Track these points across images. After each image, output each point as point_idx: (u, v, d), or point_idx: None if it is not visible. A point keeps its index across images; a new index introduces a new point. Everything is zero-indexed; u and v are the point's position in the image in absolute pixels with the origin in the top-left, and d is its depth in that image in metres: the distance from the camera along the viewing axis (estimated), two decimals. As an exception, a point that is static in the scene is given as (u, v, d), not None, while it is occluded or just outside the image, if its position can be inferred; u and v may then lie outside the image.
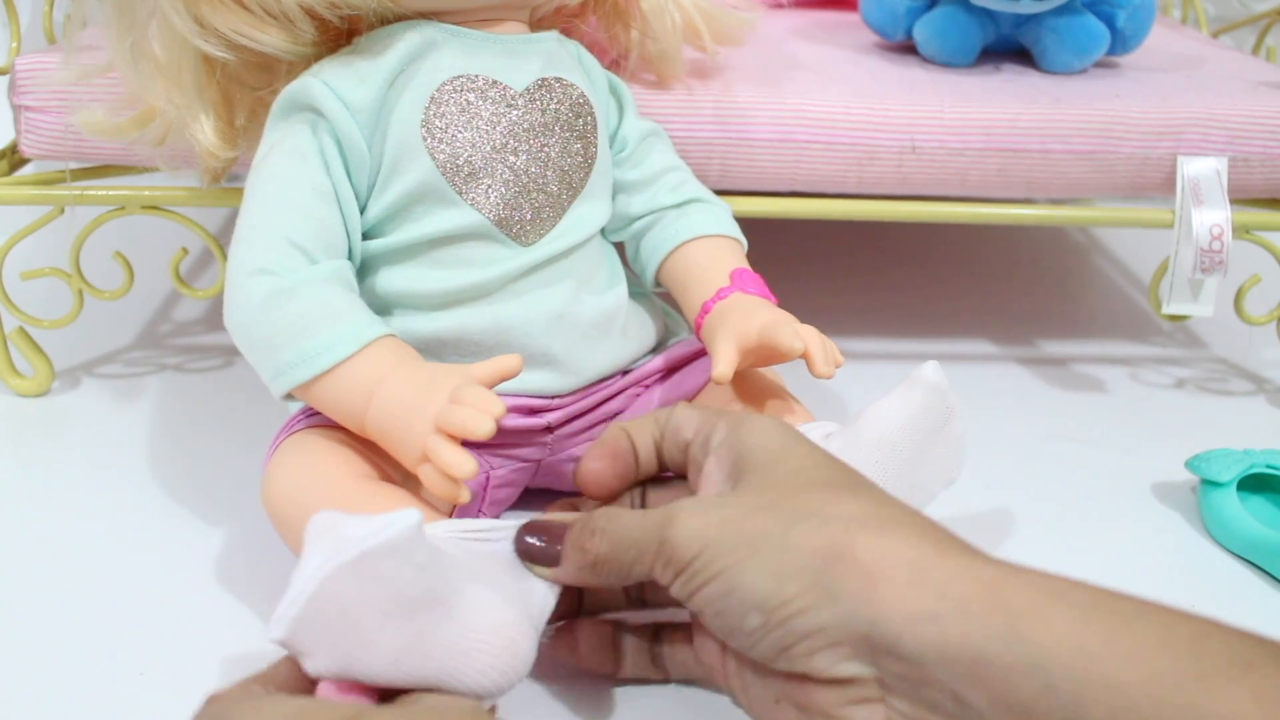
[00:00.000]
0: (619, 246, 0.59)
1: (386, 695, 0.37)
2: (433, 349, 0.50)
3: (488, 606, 0.37)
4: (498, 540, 0.42)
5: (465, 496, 0.42)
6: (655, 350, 0.57)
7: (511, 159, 0.51)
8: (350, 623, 0.35)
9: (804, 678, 0.35)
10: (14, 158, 0.67)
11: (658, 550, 0.37)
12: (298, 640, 0.36)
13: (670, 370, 0.56)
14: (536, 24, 0.57)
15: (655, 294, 0.59)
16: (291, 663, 0.38)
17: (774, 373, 0.56)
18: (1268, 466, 0.58)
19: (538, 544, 0.41)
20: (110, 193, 0.63)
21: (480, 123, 0.50)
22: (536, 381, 0.51)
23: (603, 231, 0.57)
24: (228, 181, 0.60)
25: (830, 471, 0.38)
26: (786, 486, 0.37)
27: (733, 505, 0.37)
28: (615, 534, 0.39)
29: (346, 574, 0.35)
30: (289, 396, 0.46)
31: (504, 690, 0.37)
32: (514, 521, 0.43)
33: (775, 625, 0.35)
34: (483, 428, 0.40)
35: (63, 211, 0.64)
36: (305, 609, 0.35)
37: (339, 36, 0.53)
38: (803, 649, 0.34)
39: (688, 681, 0.45)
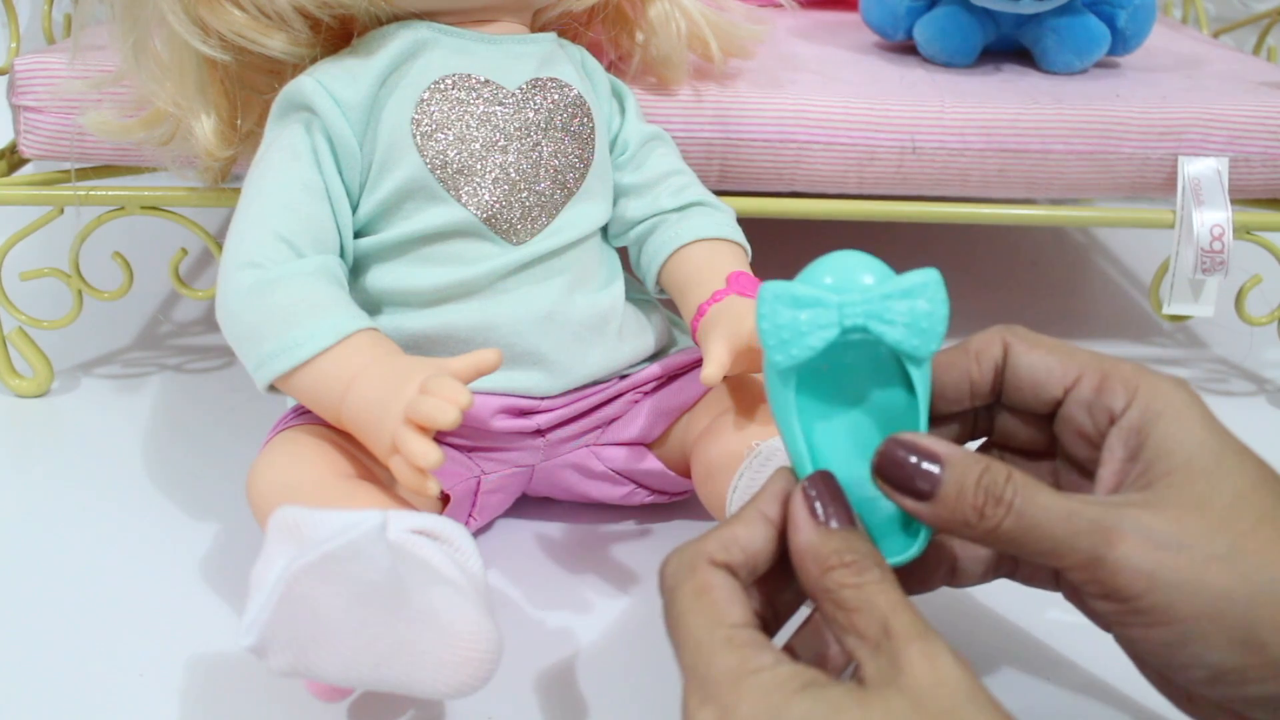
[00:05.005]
0: (623, 252, 0.59)
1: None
2: (421, 346, 0.51)
3: (456, 609, 0.37)
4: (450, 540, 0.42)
5: (434, 488, 0.41)
6: (657, 357, 0.56)
7: (500, 157, 0.51)
8: (316, 624, 0.36)
9: (1229, 711, 0.35)
10: (13, 158, 0.67)
11: (1088, 564, 0.33)
12: (267, 643, 0.36)
13: (669, 378, 0.56)
14: (540, 27, 0.57)
15: (659, 301, 0.59)
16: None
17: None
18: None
19: (909, 464, 0.35)
20: (110, 193, 0.63)
21: (470, 120, 0.51)
22: (525, 381, 0.51)
23: (605, 234, 0.57)
24: (228, 181, 0.61)
25: (1274, 497, 0.34)
26: (1235, 522, 0.33)
27: (1186, 545, 0.33)
28: (1030, 518, 0.34)
29: (312, 576, 0.35)
30: (273, 389, 0.47)
31: (475, 690, 0.38)
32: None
33: (1221, 683, 0.33)
34: (447, 417, 0.40)
35: (62, 211, 0.64)
36: (275, 613, 0.35)
37: (338, 38, 0.53)
38: (1242, 704, 0.34)
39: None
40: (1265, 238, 0.67)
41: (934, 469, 0.35)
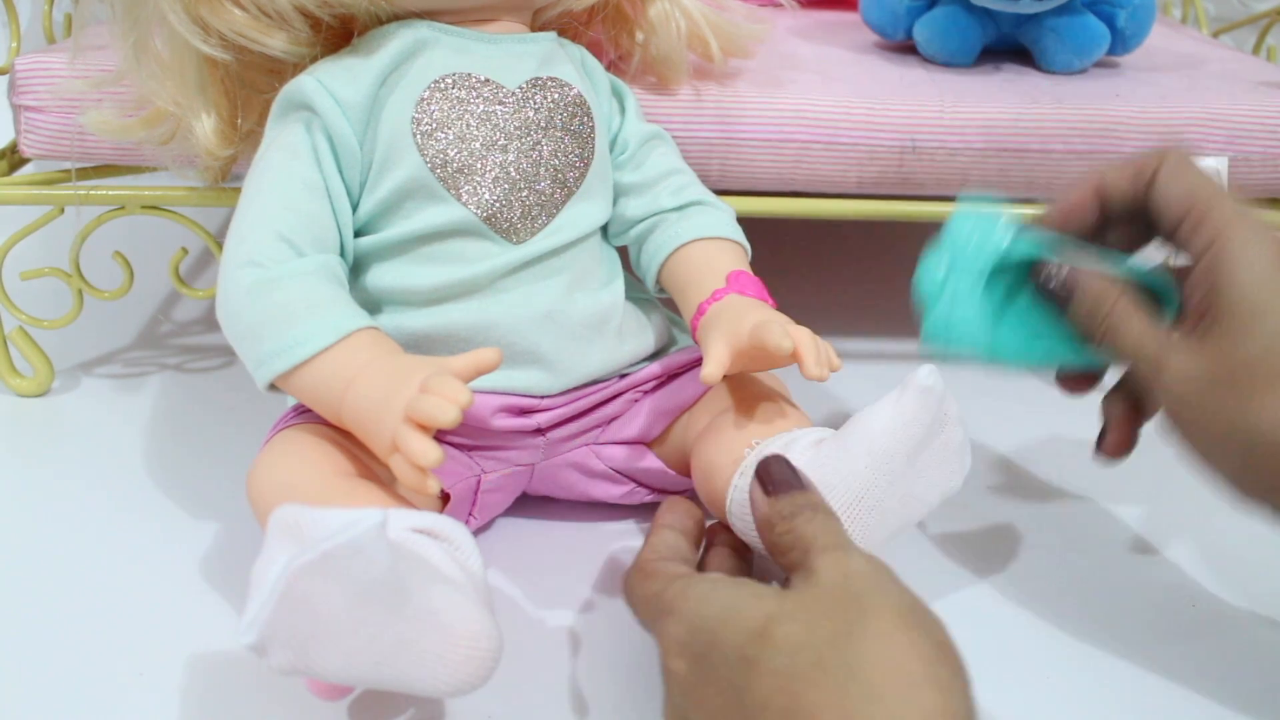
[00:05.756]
0: (623, 251, 0.59)
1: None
2: (421, 345, 0.51)
3: (456, 608, 0.37)
4: (450, 539, 0.42)
5: (434, 487, 0.41)
6: (657, 356, 0.56)
7: (500, 156, 0.51)
8: (316, 622, 0.36)
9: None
10: (14, 158, 0.67)
11: (1148, 378, 0.44)
12: (267, 641, 0.36)
13: (669, 377, 0.56)
14: (540, 26, 0.57)
15: (659, 300, 0.59)
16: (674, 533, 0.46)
17: (773, 377, 0.56)
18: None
19: (1056, 278, 0.47)
20: (110, 193, 0.63)
21: (470, 120, 0.51)
22: (525, 380, 0.51)
23: (605, 233, 0.57)
24: (228, 181, 0.61)
25: None
26: (1264, 355, 0.41)
27: (1212, 372, 0.42)
28: (1120, 336, 0.45)
29: (313, 574, 0.35)
30: (273, 388, 0.47)
31: (475, 688, 0.38)
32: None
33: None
34: (447, 416, 0.40)
35: (63, 211, 0.64)
36: (275, 611, 0.35)
37: (338, 38, 0.53)
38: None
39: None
40: (1265, 237, 0.67)
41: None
